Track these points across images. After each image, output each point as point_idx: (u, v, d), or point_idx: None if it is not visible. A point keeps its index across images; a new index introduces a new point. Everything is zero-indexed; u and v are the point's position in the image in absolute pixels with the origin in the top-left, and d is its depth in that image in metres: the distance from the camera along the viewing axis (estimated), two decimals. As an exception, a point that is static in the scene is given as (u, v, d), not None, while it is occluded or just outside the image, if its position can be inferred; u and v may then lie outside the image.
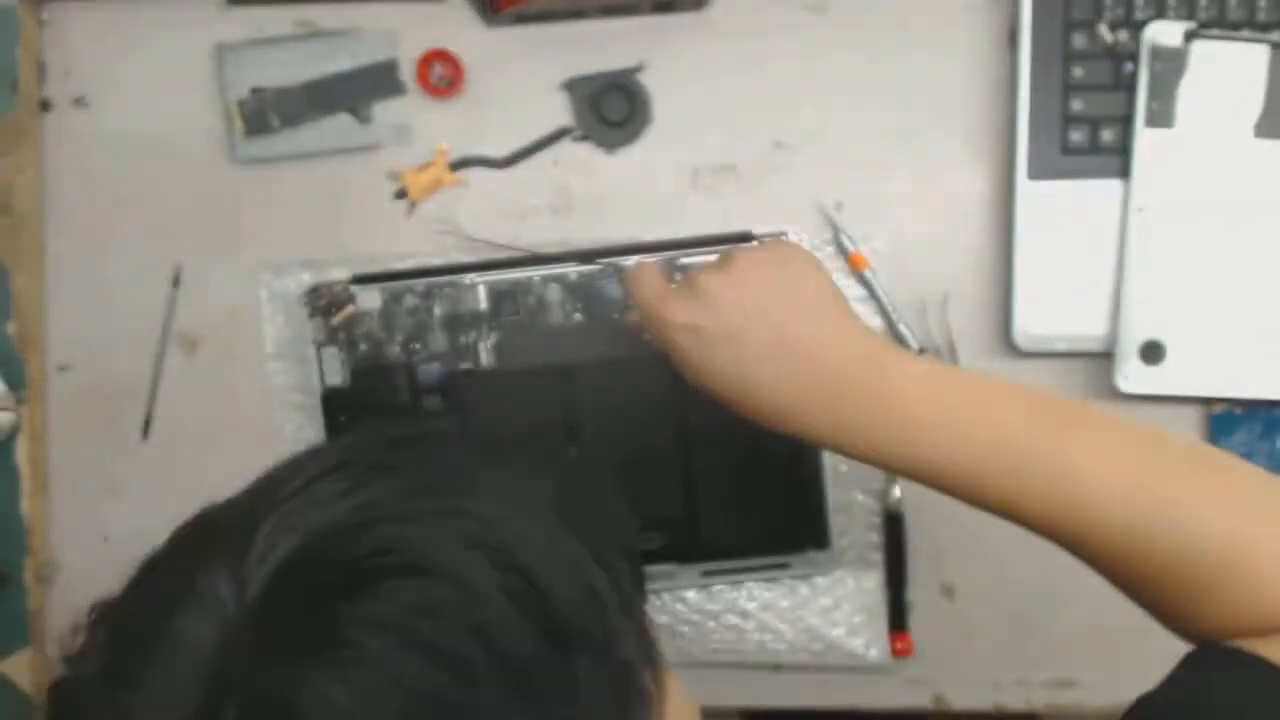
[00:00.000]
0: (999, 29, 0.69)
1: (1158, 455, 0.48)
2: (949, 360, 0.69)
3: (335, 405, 0.69)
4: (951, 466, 0.47)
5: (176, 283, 0.71)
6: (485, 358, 0.69)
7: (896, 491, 0.69)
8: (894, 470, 0.49)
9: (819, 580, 0.70)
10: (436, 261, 0.69)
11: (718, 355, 0.48)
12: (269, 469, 0.38)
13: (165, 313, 0.71)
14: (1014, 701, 0.70)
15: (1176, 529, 0.45)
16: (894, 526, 0.69)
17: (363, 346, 0.69)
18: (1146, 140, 0.66)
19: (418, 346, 0.69)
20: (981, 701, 0.70)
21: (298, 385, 0.70)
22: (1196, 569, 0.45)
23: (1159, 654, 0.44)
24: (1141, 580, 0.47)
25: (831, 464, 0.69)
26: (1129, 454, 0.47)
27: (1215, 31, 0.65)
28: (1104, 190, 0.67)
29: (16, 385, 0.69)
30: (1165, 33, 0.65)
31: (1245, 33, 0.65)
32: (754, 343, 0.48)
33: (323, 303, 0.69)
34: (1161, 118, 0.66)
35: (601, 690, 0.34)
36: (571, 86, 0.69)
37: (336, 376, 0.69)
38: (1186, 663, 0.44)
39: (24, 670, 0.70)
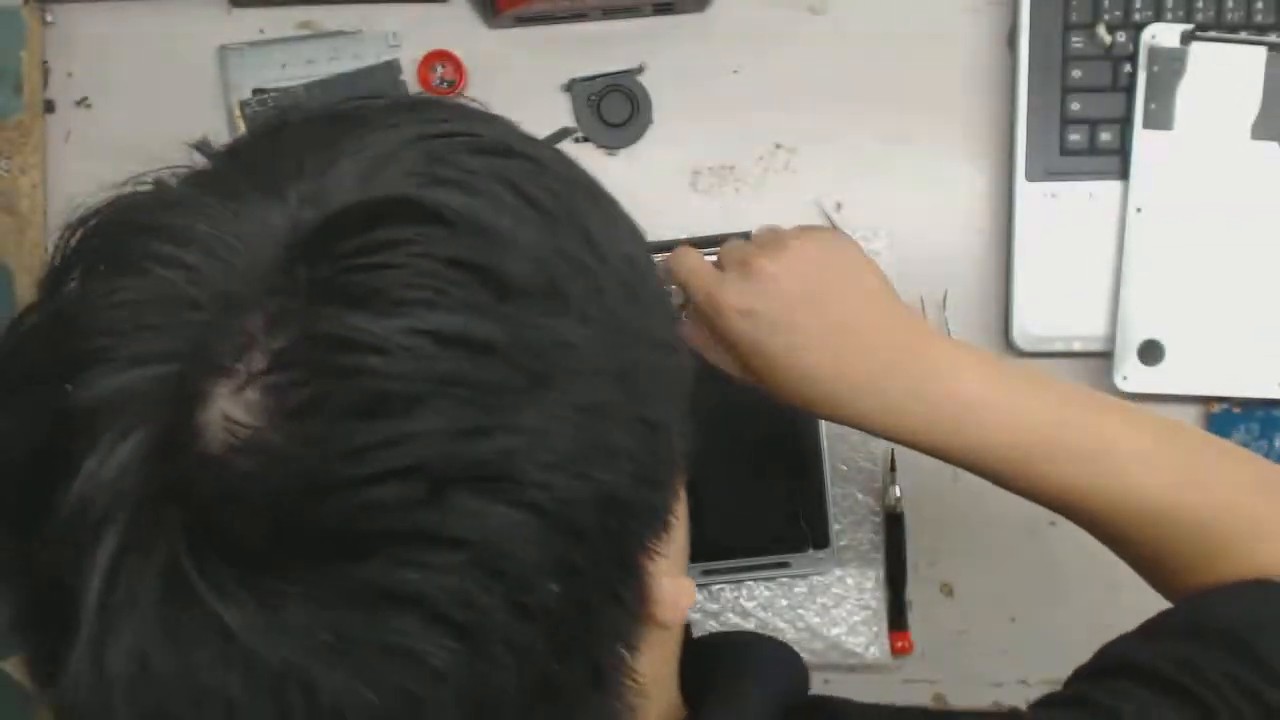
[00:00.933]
0: (998, 30, 0.69)
1: (1178, 432, 0.51)
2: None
3: (337, 405, 0.69)
4: (999, 448, 0.48)
5: None
6: (486, 358, 0.69)
7: (896, 491, 0.69)
8: (939, 454, 0.50)
9: (819, 579, 0.70)
10: (438, 262, 0.69)
11: (773, 340, 0.49)
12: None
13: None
14: (1014, 701, 0.70)
15: (1201, 498, 0.48)
16: (894, 526, 0.69)
17: (364, 346, 0.69)
18: (1145, 141, 0.66)
19: (419, 346, 0.69)
20: (981, 701, 0.70)
21: (300, 385, 0.70)
22: (1214, 536, 0.48)
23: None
24: (1162, 549, 0.49)
25: (831, 464, 0.69)
26: (1158, 430, 0.50)
27: (1213, 33, 0.66)
28: (1103, 191, 0.67)
29: (19, 385, 0.70)
30: (1163, 34, 0.66)
31: (1243, 35, 0.66)
32: (809, 328, 0.49)
33: (325, 303, 0.69)
34: (1160, 119, 0.66)
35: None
36: (572, 88, 0.70)
37: (338, 376, 0.69)
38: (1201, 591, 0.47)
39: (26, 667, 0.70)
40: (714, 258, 0.53)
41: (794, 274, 0.50)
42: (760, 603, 0.70)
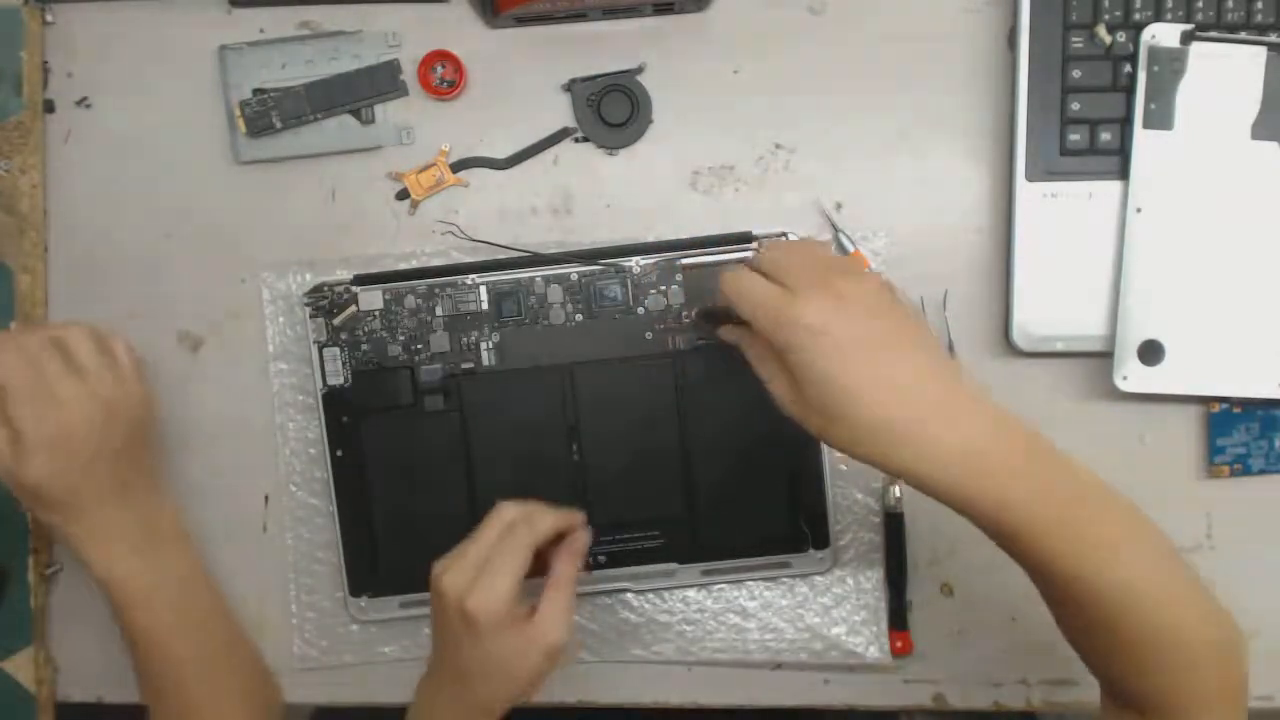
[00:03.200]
0: (998, 30, 0.69)
1: (1160, 548, 0.52)
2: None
3: (336, 405, 0.69)
4: (1010, 517, 0.49)
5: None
6: (487, 358, 0.69)
7: (896, 491, 0.69)
8: (952, 505, 0.50)
9: (819, 579, 0.70)
10: (438, 262, 0.70)
11: (838, 361, 0.49)
12: None
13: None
14: (1014, 701, 0.71)
15: (1157, 609, 0.50)
16: (894, 526, 0.69)
17: (364, 347, 0.69)
18: (1144, 141, 0.66)
19: (419, 347, 0.69)
20: (981, 701, 0.71)
21: (299, 385, 0.70)
22: (1155, 646, 0.50)
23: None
24: (1111, 642, 0.51)
25: (831, 464, 0.69)
26: (1145, 541, 0.52)
27: (1213, 34, 0.66)
28: (1102, 191, 0.67)
29: (19, 385, 0.70)
30: (1163, 34, 0.66)
31: (1243, 35, 0.66)
32: (880, 357, 0.49)
33: (324, 303, 0.69)
34: (1159, 119, 0.66)
35: None
36: (572, 88, 0.70)
37: (338, 377, 0.69)
38: None
39: (27, 668, 0.70)
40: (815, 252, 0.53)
41: (874, 303, 0.50)
42: (761, 602, 0.70)
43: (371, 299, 0.69)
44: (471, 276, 0.69)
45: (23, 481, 0.59)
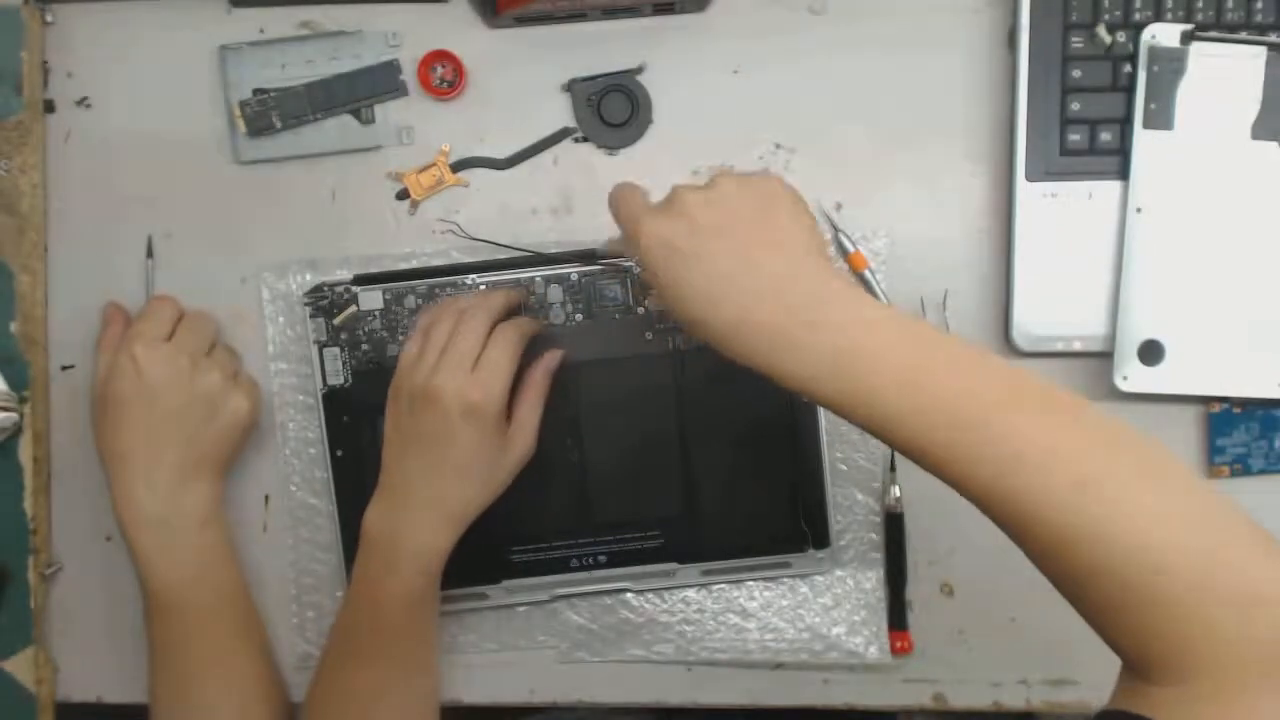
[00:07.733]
0: (998, 30, 0.69)
1: (1106, 448, 0.45)
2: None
3: (336, 405, 0.69)
4: (893, 416, 0.46)
5: (150, 253, 0.71)
6: (486, 358, 0.69)
7: (896, 490, 0.69)
8: (830, 406, 0.48)
9: (819, 579, 0.70)
10: (438, 262, 0.70)
11: (687, 272, 0.49)
12: None
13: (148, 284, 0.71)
14: (1014, 701, 0.71)
15: (1106, 531, 0.42)
16: (894, 526, 0.69)
17: (364, 347, 0.69)
18: (1145, 141, 0.66)
19: (419, 346, 0.69)
20: (981, 700, 0.71)
21: (299, 385, 0.70)
22: (1116, 579, 0.42)
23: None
24: (1068, 580, 0.45)
25: (831, 463, 0.69)
26: (1076, 442, 0.44)
27: (1213, 33, 0.66)
28: (1102, 191, 0.67)
29: (19, 384, 0.70)
30: (1163, 34, 0.66)
31: (1243, 35, 0.66)
32: (721, 262, 0.49)
33: (324, 303, 0.69)
34: (1159, 119, 0.66)
35: None
36: (572, 88, 0.70)
37: (338, 377, 0.69)
38: None
39: (27, 668, 0.70)
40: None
41: (716, 209, 0.50)
42: (761, 602, 0.70)
43: (371, 299, 0.69)
44: (472, 276, 0.69)
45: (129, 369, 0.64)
